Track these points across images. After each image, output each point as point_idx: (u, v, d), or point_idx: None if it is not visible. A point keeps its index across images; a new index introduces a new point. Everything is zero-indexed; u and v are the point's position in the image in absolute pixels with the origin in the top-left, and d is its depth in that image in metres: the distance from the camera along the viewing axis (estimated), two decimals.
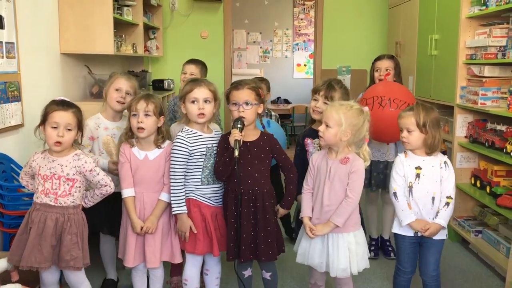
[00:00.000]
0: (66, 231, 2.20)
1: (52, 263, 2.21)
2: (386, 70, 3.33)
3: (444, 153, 4.00)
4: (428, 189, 2.34)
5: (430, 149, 2.33)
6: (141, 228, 2.35)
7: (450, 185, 2.33)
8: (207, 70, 3.39)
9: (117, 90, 2.64)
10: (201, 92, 2.35)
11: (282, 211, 2.44)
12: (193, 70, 3.27)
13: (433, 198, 2.33)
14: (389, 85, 3.14)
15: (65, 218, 2.21)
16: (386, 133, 2.86)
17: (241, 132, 2.28)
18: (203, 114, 2.35)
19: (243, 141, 2.33)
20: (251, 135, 2.38)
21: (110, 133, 2.67)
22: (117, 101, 2.64)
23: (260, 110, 2.39)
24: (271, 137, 2.42)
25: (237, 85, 2.35)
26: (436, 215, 2.33)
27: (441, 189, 2.33)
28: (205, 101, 2.36)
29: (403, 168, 2.38)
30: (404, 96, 2.91)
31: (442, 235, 2.37)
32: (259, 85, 2.41)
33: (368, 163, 2.30)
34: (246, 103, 2.31)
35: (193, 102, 2.34)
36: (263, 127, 2.51)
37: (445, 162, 2.34)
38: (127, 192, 2.39)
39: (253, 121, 2.37)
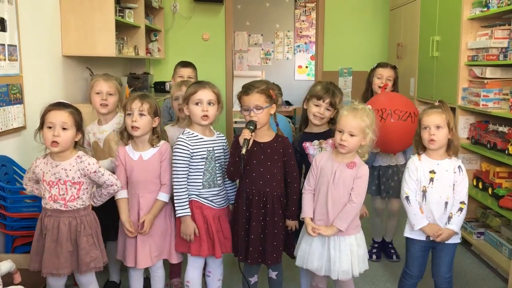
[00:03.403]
0: (81, 233, 2.20)
1: (70, 269, 2.21)
2: (388, 79, 3.26)
3: None
4: (441, 194, 2.30)
5: (453, 151, 2.30)
6: (132, 228, 2.37)
7: (464, 190, 2.29)
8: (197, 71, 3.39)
9: (97, 93, 2.65)
10: (205, 94, 2.35)
11: (290, 223, 2.40)
12: (189, 73, 3.26)
13: (446, 203, 2.30)
14: (390, 96, 3.10)
15: (78, 221, 2.21)
16: (391, 144, 2.85)
17: (252, 133, 2.27)
18: (206, 116, 2.35)
19: (257, 142, 2.33)
20: (266, 136, 2.38)
21: (96, 138, 2.70)
22: (100, 104, 2.64)
23: (272, 111, 2.38)
24: (285, 140, 2.41)
25: (246, 90, 2.33)
26: (449, 220, 2.30)
27: (454, 194, 2.30)
28: (209, 103, 2.36)
29: (417, 172, 2.34)
30: (404, 106, 2.90)
31: (455, 239, 2.34)
32: (270, 86, 2.38)
33: (365, 158, 2.30)
34: (257, 108, 2.29)
35: (197, 104, 2.34)
36: (277, 124, 2.50)
37: (459, 167, 2.29)
38: (120, 194, 2.40)
39: (266, 123, 2.36)
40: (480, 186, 3.45)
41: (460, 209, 2.28)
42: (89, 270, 2.24)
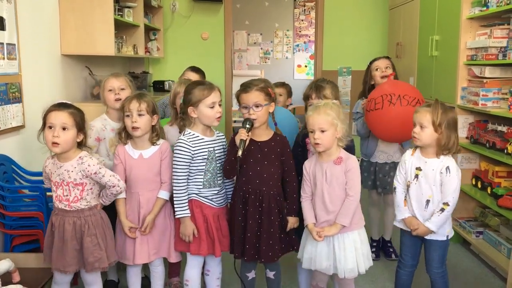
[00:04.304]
0: (85, 233, 2.21)
1: (77, 266, 2.23)
2: (386, 67, 3.27)
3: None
4: (423, 192, 2.32)
5: (442, 150, 2.27)
6: (130, 228, 2.39)
7: (449, 191, 2.26)
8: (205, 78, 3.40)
9: (110, 90, 2.68)
10: (217, 96, 2.37)
11: (291, 220, 2.40)
12: (196, 79, 3.25)
13: (427, 201, 2.32)
14: (396, 82, 3.11)
15: (82, 221, 2.22)
16: (399, 131, 2.83)
17: (248, 132, 2.27)
18: (220, 117, 2.38)
19: (255, 141, 2.34)
20: (263, 135, 2.38)
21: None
22: (115, 100, 2.67)
23: (271, 109, 2.38)
24: (283, 139, 2.42)
25: (245, 88, 2.33)
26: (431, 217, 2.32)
27: (440, 193, 2.30)
28: (219, 104, 2.38)
29: (405, 166, 2.40)
30: (412, 92, 2.91)
31: (440, 236, 2.35)
32: (268, 84, 2.38)
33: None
34: (256, 106, 2.30)
35: (211, 107, 2.34)
36: (275, 124, 2.50)
37: (447, 168, 2.27)
38: (119, 194, 2.40)
39: (265, 122, 2.36)
40: (479, 185, 3.45)
41: (442, 209, 2.28)
42: (94, 270, 2.24)
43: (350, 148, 2.37)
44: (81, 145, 2.26)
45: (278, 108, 2.96)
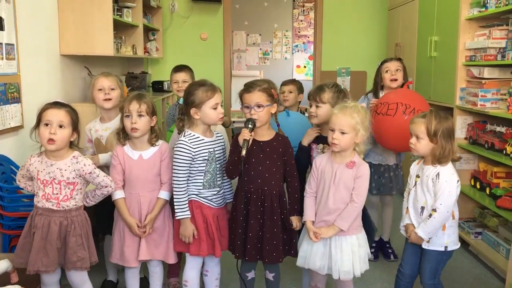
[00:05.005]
0: (70, 233, 2.20)
1: (58, 265, 2.21)
2: (397, 70, 3.24)
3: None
4: (418, 198, 2.31)
5: (437, 160, 2.25)
6: (137, 226, 2.38)
7: (437, 197, 2.22)
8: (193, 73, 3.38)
9: (100, 90, 2.67)
10: (219, 98, 2.37)
11: (295, 220, 2.39)
12: (183, 77, 3.21)
13: (422, 208, 2.30)
14: (414, 94, 3.10)
15: (69, 221, 2.20)
16: (401, 143, 2.82)
17: (251, 132, 2.28)
18: (222, 117, 2.38)
19: (257, 140, 2.34)
20: (265, 135, 2.38)
21: (99, 135, 2.71)
22: (104, 100, 2.66)
23: (273, 110, 2.37)
24: (285, 139, 2.42)
25: (248, 88, 2.34)
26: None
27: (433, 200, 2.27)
28: (221, 104, 2.39)
29: (410, 175, 2.41)
30: (426, 108, 2.90)
31: (437, 246, 2.29)
32: (272, 85, 2.38)
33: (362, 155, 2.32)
34: (258, 106, 2.30)
35: (214, 108, 2.34)
36: (278, 125, 2.50)
37: (437, 174, 2.23)
38: (118, 194, 2.40)
39: (266, 122, 2.36)
40: (478, 186, 3.46)
41: (430, 215, 2.24)
42: (75, 268, 2.23)
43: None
44: (72, 144, 2.25)
45: (293, 113, 2.95)
